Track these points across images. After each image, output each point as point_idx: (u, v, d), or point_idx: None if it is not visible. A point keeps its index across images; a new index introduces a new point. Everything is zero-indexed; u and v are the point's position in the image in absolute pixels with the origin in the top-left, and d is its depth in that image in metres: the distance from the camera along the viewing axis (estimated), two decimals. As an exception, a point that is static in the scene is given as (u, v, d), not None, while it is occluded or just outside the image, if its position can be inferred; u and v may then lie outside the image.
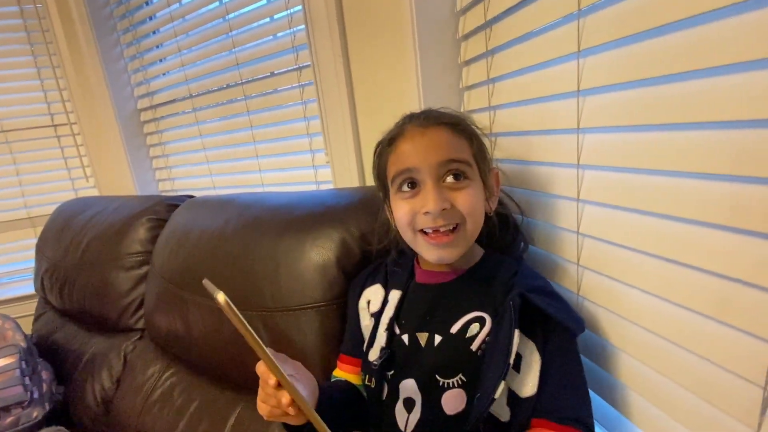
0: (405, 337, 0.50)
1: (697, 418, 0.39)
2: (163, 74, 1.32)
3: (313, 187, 1.05)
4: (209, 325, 0.77)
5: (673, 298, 0.40)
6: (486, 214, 0.50)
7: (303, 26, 0.90)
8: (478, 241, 0.52)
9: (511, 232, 0.54)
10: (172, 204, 1.09)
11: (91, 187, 1.55)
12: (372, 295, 0.56)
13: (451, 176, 0.46)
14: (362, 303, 0.58)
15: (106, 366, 0.99)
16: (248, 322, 0.36)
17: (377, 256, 0.61)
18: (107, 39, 1.32)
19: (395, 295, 0.53)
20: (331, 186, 0.97)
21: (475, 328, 0.46)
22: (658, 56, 0.37)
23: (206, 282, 0.37)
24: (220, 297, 0.33)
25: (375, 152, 0.54)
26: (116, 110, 1.36)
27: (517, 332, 0.42)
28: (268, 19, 1.03)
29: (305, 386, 0.44)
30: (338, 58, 0.83)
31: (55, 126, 1.48)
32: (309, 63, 0.93)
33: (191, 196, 1.15)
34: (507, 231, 0.54)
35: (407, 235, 0.50)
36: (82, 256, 1.11)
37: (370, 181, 0.88)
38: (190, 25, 1.16)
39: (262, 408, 0.43)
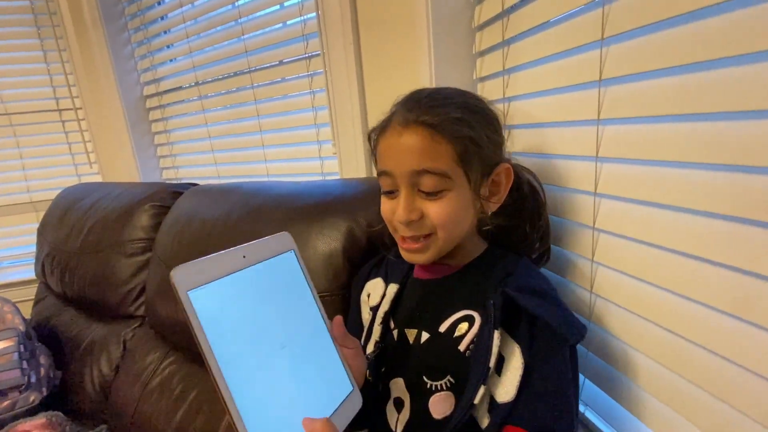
0: (395, 333, 0.49)
1: (714, 420, 0.37)
2: (170, 61, 1.31)
3: (319, 179, 1.03)
4: (211, 314, 0.76)
5: (692, 294, 0.38)
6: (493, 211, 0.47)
7: (314, 14, 0.89)
8: (490, 235, 0.51)
9: (538, 232, 0.51)
10: (176, 191, 1.08)
11: (94, 173, 1.54)
12: (372, 289, 0.55)
13: (425, 186, 0.43)
14: (363, 296, 0.56)
15: (105, 353, 0.98)
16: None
17: (380, 240, 0.58)
18: (115, 24, 1.31)
19: (392, 289, 0.51)
20: (337, 178, 0.96)
21: (463, 327, 0.44)
22: (683, 44, 0.36)
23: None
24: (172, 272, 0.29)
25: (369, 139, 0.51)
26: (122, 96, 1.34)
27: (497, 333, 0.40)
28: (278, 6, 1.01)
29: (360, 363, 0.42)
30: (349, 47, 0.82)
31: (60, 111, 1.47)
32: (319, 52, 0.92)
33: (195, 184, 1.14)
34: (534, 230, 0.50)
35: (390, 230, 0.49)
36: (83, 242, 1.10)
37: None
38: (198, 11, 1.15)
39: None
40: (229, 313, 0.33)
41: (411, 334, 0.47)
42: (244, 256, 0.36)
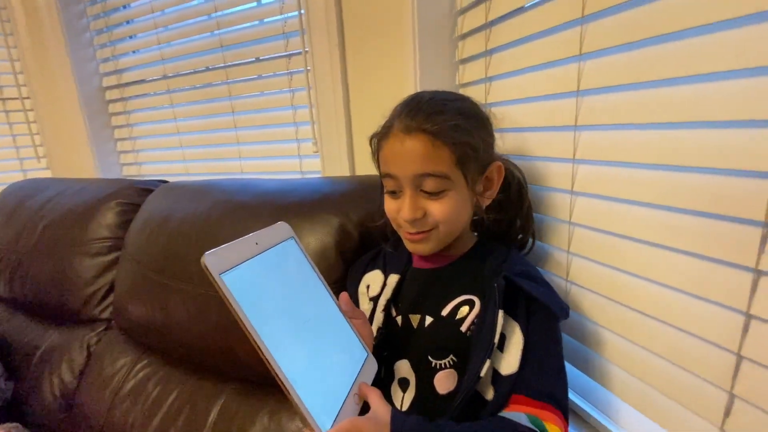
0: (399, 319, 0.52)
1: (675, 385, 0.43)
2: (133, 52, 1.25)
3: (297, 177, 1.03)
4: (192, 312, 0.74)
5: (656, 277, 0.44)
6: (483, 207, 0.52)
7: (296, 13, 0.90)
8: (479, 227, 0.55)
9: (523, 225, 0.56)
10: (143, 188, 1.04)
11: (42, 168, 1.43)
12: (372, 280, 0.58)
13: (427, 187, 0.47)
14: (362, 288, 0.59)
15: (66, 360, 0.92)
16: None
17: (378, 235, 0.61)
18: (72, 9, 1.23)
19: (393, 279, 0.55)
20: (318, 176, 0.97)
21: (464, 310, 0.48)
22: (654, 62, 0.41)
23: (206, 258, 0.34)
24: (203, 258, 0.32)
25: (370, 142, 0.54)
26: (78, 86, 1.26)
27: (501, 313, 0.44)
28: (255, 3, 1.00)
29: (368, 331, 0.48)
30: (334, 49, 0.83)
31: (4, 100, 1.35)
32: (300, 50, 0.93)
33: (164, 181, 1.10)
34: (520, 220, 0.56)
35: (394, 226, 0.53)
36: (38, 242, 1.03)
37: (361, 172, 0.89)
38: (169, 1, 1.10)
39: None
40: (258, 292, 0.35)
41: (415, 319, 0.50)
42: (256, 243, 0.39)
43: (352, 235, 0.64)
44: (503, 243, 0.55)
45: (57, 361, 0.92)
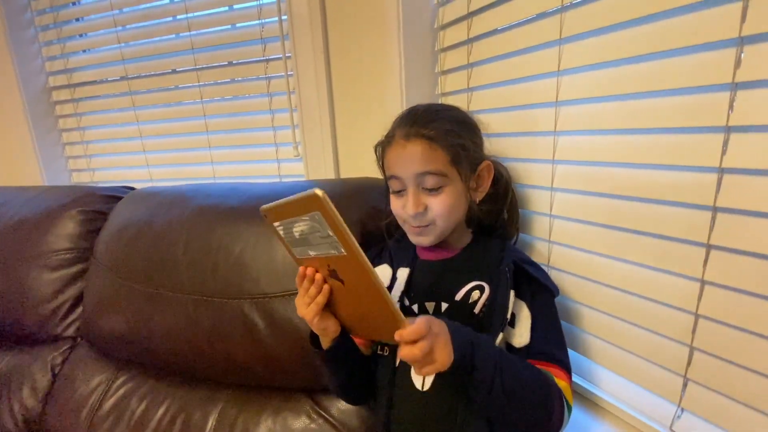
0: (415, 307, 0.57)
1: (642, 345, 0.52)
2: (83, 51, 1.17)
3: (275, 181, 1.04)
4: (182, 320, 0.73)
5: (623, 255, 0.53)
6: (477, 202, 0.59)
7: (275, 18, 0.91)
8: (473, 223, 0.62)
9: (509, 218, 0.63)
10: (108, 195, 0.99)
11: (-27, 176, 1.28)
12: (380, 274, 0.61)
13: (428, 184, 0.54)
14: None
15: (28, 383, 0.84)
16: (245, 310, 0.44)
17: (387, 230, 0.66)
18: (13, 2, 1.12)
19: (403, 272, 0.59)
20: (303, 179, 0.98)
21: (476, 294, 0.54)
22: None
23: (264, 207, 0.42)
24: (319, 191, 0.36)
25: (375, 150, 0.61)
26: (20, 86, 1.15)
27: (512, 293, 0.52)
28: (226, 8, 1.00)
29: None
30: (319, 55, 0.86)
31: (-77, 99, 1.19)
32: (280, 56, 0.94)
33: (130, 188, 1.04)
34: (509, 213, 0.63)
35: (399, 222, 0.59)
36: (-18, 256, 0.93)
37: (345, 175, 0.93)
38: (132, 0, 1.06)
39: (306, 310, 0.47)
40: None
41: (430, 306, 0.55)
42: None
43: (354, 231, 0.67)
44: (496, 236, 0.62)
45: (16, 385, 0.84)
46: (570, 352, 0.59)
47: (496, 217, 0.63)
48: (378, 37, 0.82)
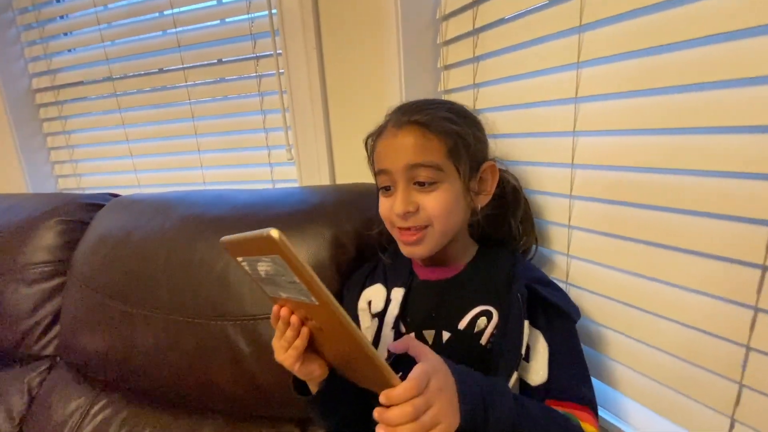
0: (412, 336, 0.50)
1: (684, 379, 0.45)
2: (68, 51, 1.11)
3: (269, 186, 0.98)
4: (163, 341, 0.66)
5: (661, 276, 0.46)
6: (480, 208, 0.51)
7: (265, 12, 0.85)
8: (478, 235, 0.54)
9: (521, 231, 0.56)
10: (90, 203, 0.93)
11: (-44, 183, 1.23)
12: (373, 295, 0.55)
13: (420, 178, 0.47)
14: (362, 304, 0.55)
15: (3, 406, 0.79)
16: (228, 333, 0.39)
17: (380, 243, 0.59)
18: (-8, -1, 1.07)
19: (398, 293, 0.52)
20: (292, 185, 0.92)
21: (482, 322, 0.47)
22: (650, 72, 0.43)
23: (225, 238, 0.36)
24: (275, 233, 0.30)
25: (365, 144, 0.54)
26: (3, 88, 1.10)
27: (526, 323, 0.45)
28: (214, 2, 0.94)
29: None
30: (312, 51, 0.80)
31: None
32: (270, 53, 0.88)
33: (114, 195, 0.98)
34: (519, 225, 0.55)
35: (388, 227, 0.52)
36: (-44, 270, 0.87)
37: (342, 180, 0.86)
38: (115, -5, 1.00)
39: (285, 355, 0.41)
40: None
41: (429, 335, 0.48)
42: None
43: (347, 248, 0.60)
44: (505, 248, 0.55)
45: (-11, 410, 0.78)
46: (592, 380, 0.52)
47: (500, 226, 0.56)
48: (375, 30, 0.75)
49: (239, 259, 0.37)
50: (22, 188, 1.16)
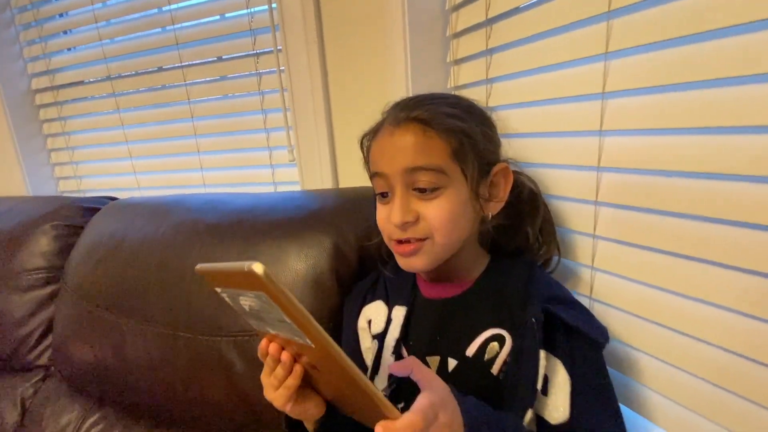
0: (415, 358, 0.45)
1: (724, 409, 0.40)
2: (68, 50, 1.08)
3: (270, 189, 0.94)
4: (155, 356, 0.63)
5: (695, 293, 0.40)
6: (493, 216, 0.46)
7: (265, 7, 0.80)
8: (490, 244, 0.49)
9: (541, 240, 0.50)
10: (87, 207, 0.90)
11: (-42, 185, 1.21)
12: (373, 314, 0.50)
13: (420, 183, 0.41)
14: (362, 323, 0.50)
15: (-6, 418, 0.76)
16: (222, 349, 0.33)
17: (379, 254, 0.54)
18: (-10, -2, 1.05)
19: (399, 311, 0.47)
20: (294, 188, 0.88)
21: (493, 348, 0.42)
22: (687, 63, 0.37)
23: (201, 266, 0.31)
24: (258, 268, 0.26)
25: (361, 145, 0.49)
26: (2, 89, 1.07)
27: (543, 354, 0.38)
28: (214, -3, 0.90)
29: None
30: (312, 46, 0.75)
31: None
32: (270, 49, 0.83)
33: (112, 198, 0.95)
34: (538, 234, 0.50)
35: (386, 240, 0.46)
36: (-49, 276, 0.85)
37: (345, 182, 0.81)
38: (112, -8, 0.97)
39: (275, 394, 0.36)
40: None
41: (433, 362, 0.43)
42: None
43: (349, 258, 0.56)
44: (522, 259, 0.50)
45: (-19, 422, 0.76)
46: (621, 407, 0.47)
47: (515, 236, 0.50)
48: (379, 24, 0.70)
49: (218, 289, 0.33)
50: (23, 191, 1.14)
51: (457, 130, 0.42)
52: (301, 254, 0.56)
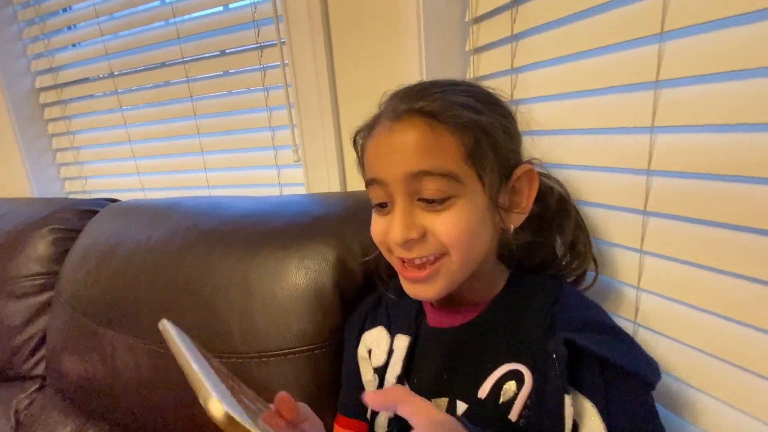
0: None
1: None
2: (72, 45, 1.05)
3: (276, 191, 0.88)
4: (146, 372, 0.58)
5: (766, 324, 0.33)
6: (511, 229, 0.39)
7: (268, -5, 0.75)
8: (510, 258, 0.42)
9: (572, 252, 0.43)
10: (86, 210, 0.86)
11: (-33, 186, 1.20)
12: (374, 343, 0.43)
13: (427, 192, 0.34)
14: (362, 351, 0.44)
15: (-12, 430, 0.73)
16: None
17: (377, 272, 0.47)
18: (-8, -5, 1.02)
19: (402, 342, 0.40)
20: (300, 190, 0.82)
21: (510, 388, 0.34)
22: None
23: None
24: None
25: (353, 141, 0.42)
26: (5, 88, 1.05)
27: (568, 398, 0.31)
28: (218, -14, 0.84)
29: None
30: (318, 36, 0.69)
31: None
32: (274, 41, 0.78)
33: (114, 200, 0.92)
34: (568, 248, 0.43)
35: (386, 255, 0.39)
36: (-51, 280, 0.82)
37: (353, 184, 0.75)
38: (112, -16, 0.93)
39: None
40: None
41: (440, 404, 0.36)
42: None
43: (354, 273, 0.50)
44: (547, 274, 0.42)
45: (-26, 434, 0.73)
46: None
47: (538, 250, 0.43)
48: (390, 8, 0.64)
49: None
50: (27, 192, 1.12)
51: (472, 124, 0.34)
52: (301, 267, 0.50)
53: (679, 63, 0.36)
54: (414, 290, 0.37)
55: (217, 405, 0.22)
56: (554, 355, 0.32)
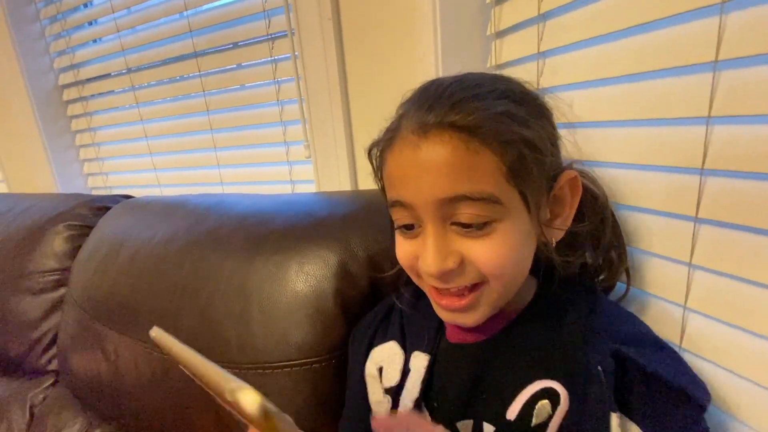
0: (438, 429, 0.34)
1: None
2: (93, 41, 1.06)
3: (288, 188, 0.85)
4: (146, 375, 0.56)
5: None
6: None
7: (278, -17, 0.71)
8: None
9: (605, 264, 0.38)
10: (101, 206, 0.86)
11: (-1, 181, 1.25)
12: (386, 360, 0.39)
13: (464, 217, 0.30)
14: (371, 368, 0.40)
15: (5, 421, 0.74)
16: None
17: (391, 287, 0.43)
18: (16, -6, 1.04)
19: (420, 361, 0.36)
20: (312, 187, 0.79)
21: (544, 408, 0.30)
22: None
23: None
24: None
25: (369, 155, 0.37)
26: (29, 85, 1.07)
27: (615, 418, 0.28)
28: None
29: None
30: (327, 23, 0.65)
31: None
32: (285, 32, 0.74)
33: (129, 196, 0.91)
34: (600, 256, 0.38)
35: (415, 280, 0.35)
36: (-29, 275, 0.84)
37: (365, 183, 0.71)
38: (127, -22, 0.92)
39: None
40: None
41: (465, 427, 0.32)
42: None
43: (358, 281, 0.45)
44: (579, 282, 0.37)
45: (-7, 424, 0.74)
46: None
47: (581, 265, 0.37)
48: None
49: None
50: (52, 188, 1.14)
51: (516, 139, 0.29)
52: (301, 273, 0.46)
53: (743, 40, 0.30)
54: (452, 318, 0.34)
55: (253, 396, 0.19)
56: (600, 367, 0.28)
